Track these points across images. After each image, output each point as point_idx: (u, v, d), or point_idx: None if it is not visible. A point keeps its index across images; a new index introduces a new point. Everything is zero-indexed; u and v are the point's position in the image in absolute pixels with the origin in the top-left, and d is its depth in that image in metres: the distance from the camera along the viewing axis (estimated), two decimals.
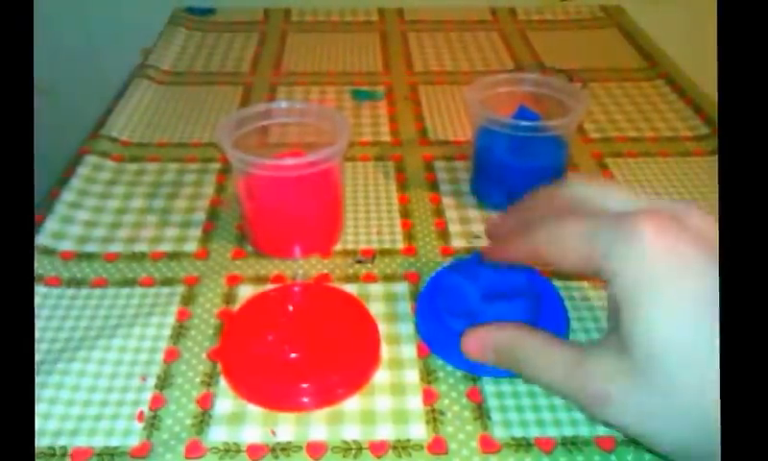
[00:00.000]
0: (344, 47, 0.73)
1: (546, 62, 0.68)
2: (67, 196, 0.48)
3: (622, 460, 0.30)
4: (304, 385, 0.33)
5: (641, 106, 0.61)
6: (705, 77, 0.58)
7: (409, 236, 0.44)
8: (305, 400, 0.33)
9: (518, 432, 0.31)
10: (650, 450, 0.29)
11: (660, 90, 0.64)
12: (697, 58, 0.63)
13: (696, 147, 0.55)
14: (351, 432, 0.32)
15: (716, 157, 0.52)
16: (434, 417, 0.32)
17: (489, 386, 0.34)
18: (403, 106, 0.61)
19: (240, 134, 0.42)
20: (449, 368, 0.35)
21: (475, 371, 0.34)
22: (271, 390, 0.33)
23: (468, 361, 0.33)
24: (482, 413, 0.32)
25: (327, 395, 0.33)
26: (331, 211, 0.43)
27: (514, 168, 0.44)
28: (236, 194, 0.43)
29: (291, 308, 0.37)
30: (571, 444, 0.31)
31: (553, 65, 0.67)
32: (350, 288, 0.40)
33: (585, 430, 0.31)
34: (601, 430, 0.31)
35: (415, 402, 0.33)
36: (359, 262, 0.42)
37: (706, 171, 0.51)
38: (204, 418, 0.32)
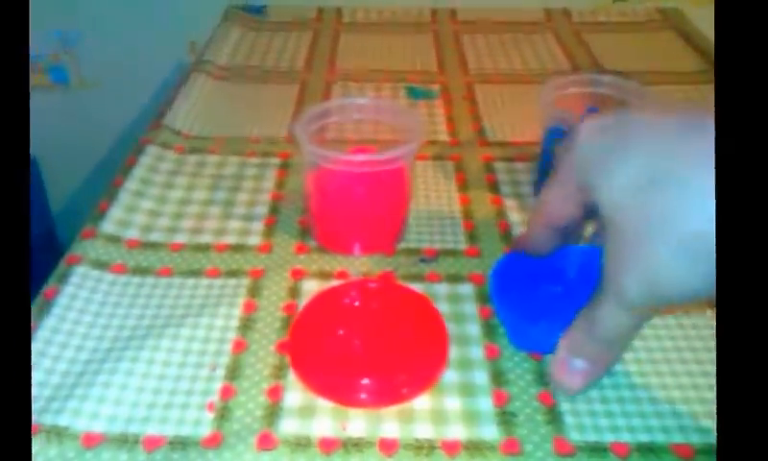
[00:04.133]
0: (397, 47, 0.73)
1: (604, 65, 0.68)
2: (131, 185, 0.49)
3: None
4: (372, 382, 0.33)
5: None
6: None
7: (471, 237, 0.44)
8: (372, 396, 0.33)
9: (593, 437, 0.31)
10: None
11: None
12: None
13: None
14: (423, 431, 0.31)
15: None
16: (505, 419, 0.32)
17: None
18: (460, 105, 0.61)
19: (317, 128, 0.42)
20: (519, 371, 0.34)
21: (540, 349, 0.35)
22: (339, 385, 0.33)
23: (534, 343, 0.34)
24: (555, 416, 0.32)
25: (395, 393, 0.33)
26: (399, 210, 0.43)
27: None
28: (303, 189, 0.43)
29: (357, 304, 0.37)
30: (648, 450, 0.30)
31: (612, 68, 0.66)
32: (415, 287, 0.40)
33: (660, 437, 0.31)
34: (677, 437, 0.31)
35: (485, 403, 0.33)
36: (423, 262, 0.42)
37: None
38: (274, 410, 0.33)
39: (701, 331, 0.37)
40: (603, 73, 0.51)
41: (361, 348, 0.35)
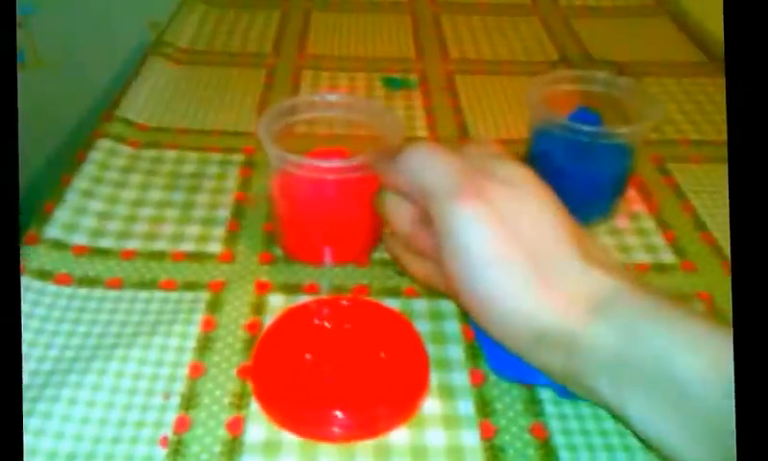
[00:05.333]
0: (372, 29, 0.69)
1: (593, 54, 0.64)
2: (80, 183, 0.44)
3: None
4: (344, 413, 0.29)
5: (703, 105, 0.57)
6: None
7: None
8: (346, 430, 0.29)
9: None
10: None
11: (723, 89, 0.59)
12: None
13: None
14: None
15: None
16: (494, 454, 0.29)
17: (554, 422, 0.30)
18: (440, 96, 0.57)
19: (282, 127, 0.38)
20: (507, 399, 0.31)
21: (527, 379, 0.31)
22: (308, 417, 0.30)
23: (519, 371, 0.30)
24: (548, 451, 0.29)
25: (370, 425, 0.30)
26: (373, 217, 0.39)
27: (572, 175, 0.40)
28: (268, 192, 0.39)
29: (329, 325, 0.34)
30: None
31: (601, 57, 0.63)
32: (391, 303, 0.36)
33: None
34: None
35: (471, 437, 0.30)
36: (400, 274, 0.38)
37: None
38: (234, 445, 0.29)
39: None
40: (594, 67, 0.48)
41: (332, 374, 0.31)
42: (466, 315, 0.35)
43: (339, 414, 0.29)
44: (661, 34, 0.70)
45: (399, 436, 0.30)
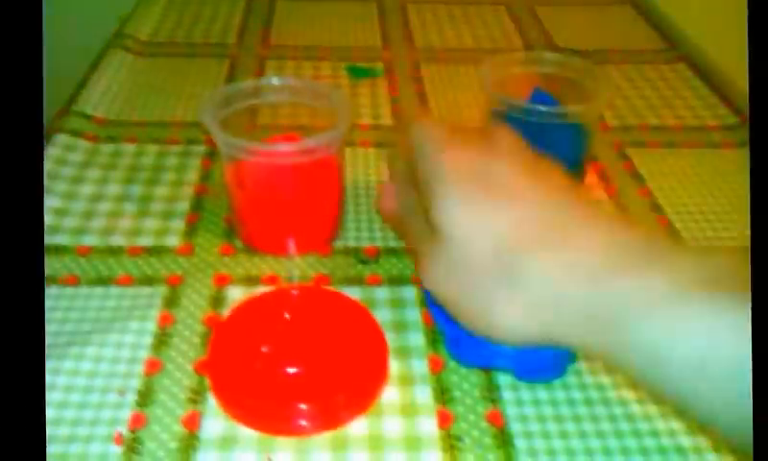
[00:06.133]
0: (337, 18, 0.68)
1: (558, 42, 0.64)
2: None
3: None
4: (303, 406, 0.29)
5: (662, 91, 0.57)
6: (730, 60, 0.54)
7: None
8: (305, 422, 0.29)
9: None
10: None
11: (683, 75, 0.60)
12: (720, 39, 0.59)
13: (724, 138, 0.51)
14: (358, 460, 0.28)
15: (745, 149, 0.49)
16: (451, 443, 0.29)
17: (511, 408, 0.30)
18: (405, 85, 0.57)
19: (228, 114, 0.37)
20: (466, 386, 0.31)
21: (485, 363, 0.31)
22: (266, 411, 0.29)
23: (477, 355, 0.31)
24: (505, 439, 0.29)
25: (329, 417, 0.29)
26: (331, 204, 0.39)
27: None
28: (224, 182, 0.39)
29: (288, 316, 0.33)
30: None
31: (566, 45, 0.63)
32: (353, 292, 0.36)
33: (620, 459, 0.28)
34: (637, 458, 0.28)
35: (429, 426, 0.29)
36: (362, 262, 0.38)
37: (735, 164, 0.48)
38: (190, 441, 0.29)
39: None
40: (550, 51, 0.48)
41: (290, 366, 0.31)
42: (426, 301, 0.35)
43: (297, 406, 0.29)
44: (624, 22, 0.70)
45: (357, 427, 0.29)
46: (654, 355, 0.23)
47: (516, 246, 0.27)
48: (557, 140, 0.40)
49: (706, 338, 0.22)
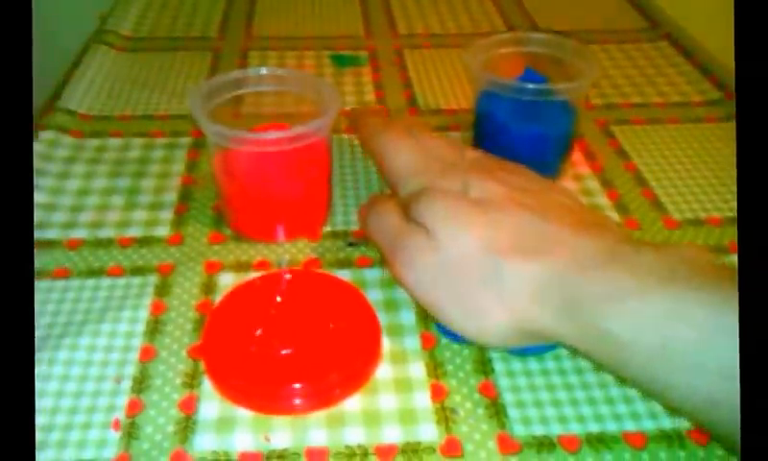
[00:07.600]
0: (319, 7, 0.68)
1: (540, 24, 0.65)
2: None
3: (655, 458, 0.28)
4: (298, 385, 0.29)
5: (645, 69, 0.57)
6: (711, 37, 0.55)
7: None
8: (300, 401, 0.29)
9: (539, 430, 0.29)
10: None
11: (665, 52, 0.60)
12: (701, 17, 0.60)
13: (707, 113, 0.52)
14: (354, 436, 0.28)
15: (729, 123, 0.50)
16: (445, 416, 0.29)
17: (503, 380, 0.31)
18: (389, 72, 0.57)
19: (215, 104, 0.37)
20: (458, 360, 0.32)
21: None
22: (261, 392, 0.30)
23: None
24: (498, 410, 0.29)
25: (324, 395, 0.30)
26: (319, 190, 0.39)
27: (517, 134, 0.40)
28: (212, 171, 0.39)
29: (279, 299, 0.33)
30: (598, 441, 0.28)
31: (548, 27, 0.63)
32: (343, 274, 0.36)
33: (612, 426, 0.29)
34: (629, 425, 0.29)
35: (423, 400, 0.30)
36: (351, 245, 0.38)
37: (720, 138, 0.49)
38: (187, 424, 0.29)
39: None
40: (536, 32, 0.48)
41: (284, 347, 0.31)
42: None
43: (292, 386, 0.29)
44: (606, 3, 0.71)
45: (352, 404, 0.30)
46: (621, 343, 0.25)
47: (497, 250, 0.28)
48: (543, 117, 0.41)
49: (666, 326, 0.24)
